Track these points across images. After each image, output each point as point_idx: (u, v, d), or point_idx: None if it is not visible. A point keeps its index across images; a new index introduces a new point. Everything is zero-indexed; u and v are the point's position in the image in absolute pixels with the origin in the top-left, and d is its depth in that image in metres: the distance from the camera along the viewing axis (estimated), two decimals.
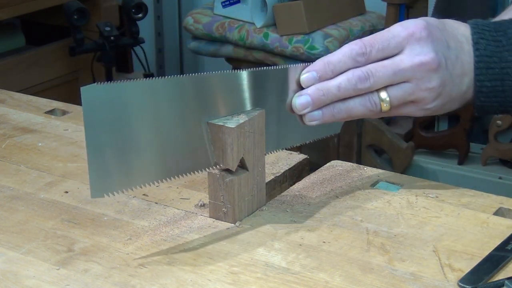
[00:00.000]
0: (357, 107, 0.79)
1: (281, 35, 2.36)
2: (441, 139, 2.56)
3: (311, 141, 0.89)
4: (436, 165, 2.53)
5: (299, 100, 0.79)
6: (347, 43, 0.80)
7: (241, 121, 0.79)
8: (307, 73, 0.79)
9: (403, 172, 2.34)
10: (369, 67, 0.78)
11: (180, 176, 0.79)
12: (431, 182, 0.89)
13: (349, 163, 0.93)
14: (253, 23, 2.43)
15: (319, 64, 0.79)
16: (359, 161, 2.34)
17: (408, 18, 2.65)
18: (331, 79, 0.78)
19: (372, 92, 0.79)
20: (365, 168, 0.92)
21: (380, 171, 0.92)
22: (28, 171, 0.94)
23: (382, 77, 0.78)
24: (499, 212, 0.83)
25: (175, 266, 0.74)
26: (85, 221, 0.82)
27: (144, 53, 2.76)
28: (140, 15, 2.65)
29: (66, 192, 0.89)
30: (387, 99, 0.79)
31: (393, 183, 0.89)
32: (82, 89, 0.72)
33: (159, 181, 0.78)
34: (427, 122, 2.60)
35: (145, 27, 3.00)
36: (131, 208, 0.85)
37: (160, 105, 0.76)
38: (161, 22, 3.18)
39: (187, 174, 0.79)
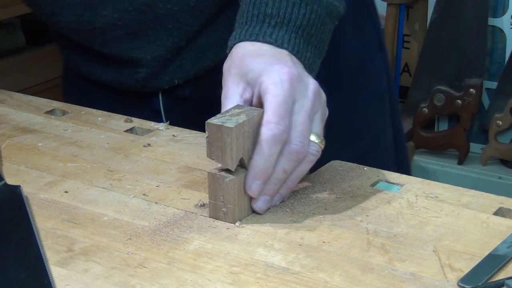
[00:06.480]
0: (306, 167, 0.83)
1: None
2: (441, 139, 2.56)
3: None
4: (436, 165, 2.53)
5: (261, 203, 0.82)
6: None
7: (240, 121, 0.79)
8: (253, 185, 0.80)
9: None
10: (298, 137, 0.80)
11: None
12: (431, 182, 0.89)
13: (349, 163, 0.93)
14: None
15: (257, 171, 0.80)
16: None
17: (408, 18, 2.66)
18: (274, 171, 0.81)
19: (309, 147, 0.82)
20: (365, 168, 0.92)
21: (380, 171, 0.92)
22: (28, 171, 0.94)
23: (308, 130, 0.81)
24: (499, 212, 0.83)
25: (175, 266, 0.74)
26: (85, 221, 0.82)
27: None
28: None
29: (66, 192, 0.89)
30: (319, 139, 0.82)
31: (393, 183, 0.89)
32: None
33: None
34: (427, 122, 2.60)
35: None
36: (131, 208, 0.85)
37: None
38: None
39: None
